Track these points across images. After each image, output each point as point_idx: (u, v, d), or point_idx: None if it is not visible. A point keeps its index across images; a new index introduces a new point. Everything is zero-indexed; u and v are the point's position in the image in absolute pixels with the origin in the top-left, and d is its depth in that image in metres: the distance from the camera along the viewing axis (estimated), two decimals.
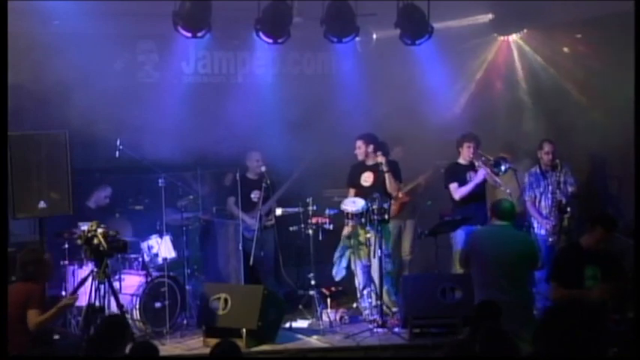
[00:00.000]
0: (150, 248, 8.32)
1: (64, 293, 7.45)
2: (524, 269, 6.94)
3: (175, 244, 8.46)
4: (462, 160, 8.43)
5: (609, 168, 9.14)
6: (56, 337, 6.53)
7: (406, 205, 9.01)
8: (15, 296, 5.84)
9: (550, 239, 8.32)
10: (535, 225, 8.33)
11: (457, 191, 8.27)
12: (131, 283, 7.86)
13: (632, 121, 6.81)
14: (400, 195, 8.71)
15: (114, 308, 6.60)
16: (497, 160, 8.29)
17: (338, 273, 8.41)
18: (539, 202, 8.46)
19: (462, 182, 8.29)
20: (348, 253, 8.33)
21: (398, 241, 8.96)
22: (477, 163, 8.28)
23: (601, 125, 8.44)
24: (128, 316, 7.26)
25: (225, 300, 7.42)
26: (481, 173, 8.21)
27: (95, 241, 6.38)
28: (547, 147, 8.42)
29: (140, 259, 8.24)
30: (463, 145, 8.41)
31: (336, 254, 8.41)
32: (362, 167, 8.46)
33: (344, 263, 8.37)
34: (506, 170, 8.24)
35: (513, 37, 9.66)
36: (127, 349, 4.98)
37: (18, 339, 5.74)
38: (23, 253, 6.19)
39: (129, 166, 8.32)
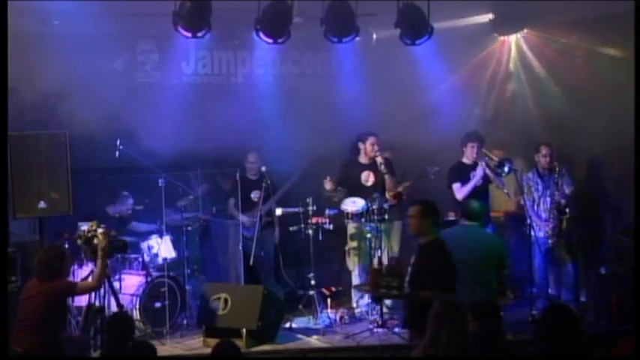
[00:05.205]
0: (150, 248, 8.32)
1: None
2: (491, 270, 6.95)
3: (175, 244, 8.45)
4: (465, 160, 8.42)
5: (608, 169, 9.13)
6: None
7: (393, 208, 8.89)
8: (42, 295, 5.81)
9: (549, 241, 8.32)
10: (534, 227, 8.29)
11: (459, 191, 8.25)
12: (131, 283, 7.87)
13: (632, 122, 6.81)
14: (387, 196, 8.52)
15: (114, 308, 6.59)
16: (502, 160, 8.27)
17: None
18: (538, 204, 8.44)
19: (466, 182, 8.26)
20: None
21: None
22: (479, 163, 8.27)
23: (600, 126, 8.43)
24: None
25: (225, 300, 7.43)
26: (480, 170, 8.19)
27: (95, 241, 6.37)
28: (544, 150, 8.40)
29: (140, 259, 8.24)
30: (467, 145, 8.39)
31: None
32: (359, 166, 8.41)
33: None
34: (509, 171, 8.22)
35: (513, 37, 9.65)
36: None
37: (37, 338, 5.74)
38: (44, 252, 6.09)
39: (129, 166, 8.32)
